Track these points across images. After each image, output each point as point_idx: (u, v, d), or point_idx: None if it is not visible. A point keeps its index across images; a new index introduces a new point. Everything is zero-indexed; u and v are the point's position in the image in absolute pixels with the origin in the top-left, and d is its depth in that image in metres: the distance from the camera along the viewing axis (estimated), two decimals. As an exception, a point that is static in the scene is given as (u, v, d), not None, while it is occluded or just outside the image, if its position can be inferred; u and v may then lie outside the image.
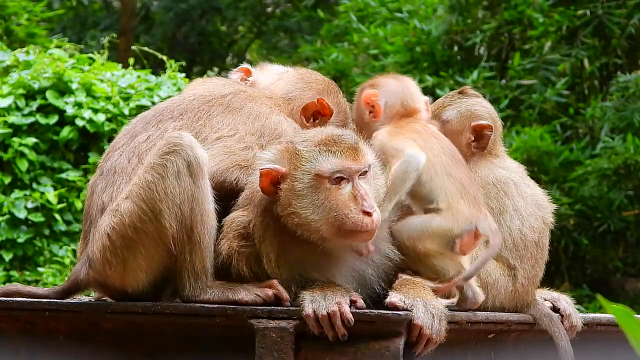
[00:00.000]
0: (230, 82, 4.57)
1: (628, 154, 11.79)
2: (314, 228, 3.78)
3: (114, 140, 4.27)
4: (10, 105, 10.29)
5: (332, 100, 4.53)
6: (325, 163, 3.79)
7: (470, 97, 4.68)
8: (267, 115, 4.26)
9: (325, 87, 4.57)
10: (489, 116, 4.63)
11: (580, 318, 4.56)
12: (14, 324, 4.11)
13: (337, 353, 3.68)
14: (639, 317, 2.35)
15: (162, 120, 4.19)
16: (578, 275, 12.80)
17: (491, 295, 4.35)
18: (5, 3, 14.92)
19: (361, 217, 3.73)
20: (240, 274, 3.92)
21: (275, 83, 4.60)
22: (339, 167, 3.79)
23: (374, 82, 4.51)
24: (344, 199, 3.76)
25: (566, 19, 12.88)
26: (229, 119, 4.21)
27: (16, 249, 9.99)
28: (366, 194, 3.77)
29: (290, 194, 3.80)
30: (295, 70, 4.69)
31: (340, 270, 3.91)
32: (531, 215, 4.50)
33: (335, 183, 3.79)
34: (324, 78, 4.66)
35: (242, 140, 4.15)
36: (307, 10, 19.96)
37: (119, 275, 3.94)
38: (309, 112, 4.46)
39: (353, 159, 3.81)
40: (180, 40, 22.82)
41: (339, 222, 3.75)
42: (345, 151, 3.82)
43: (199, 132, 4.11)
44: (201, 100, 4.27)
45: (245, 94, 4.35)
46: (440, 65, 13.59)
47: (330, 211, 3.76)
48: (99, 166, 4.21)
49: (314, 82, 4.57)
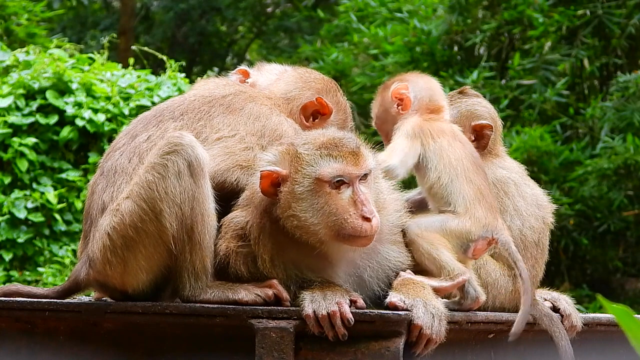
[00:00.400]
0: (230, 83, 4.57)
1: (628, 154, 11.79)
2: (312, 231, 3.78)
3: (115, 140, 4.27)
4: (10, 105, 10.29)
5: (331, 99, 4.53)
6: (326, 167, 3.79)
7: (470, 97, 4.69)
8: (268, 115, 4.26)
9: (325, 86, 4.57)
10: (489, 116, 4.64)
11: (581, 318, 4.56)
12: (14, 324, 4.11)
13: (337, 353, 3.68)
14: (639, 317, 2.35)
15: (163, 120, 4.19)
16: (578, 275, 12.80)
17: (491, 295, 4.36)
18: (5, 3, 14.92)
19: (360, 223, 3.73)
20: (237, 274, 3.92)
21: (274, 83, 4.60)
22: (340, 172, 3.79)
23: (402, 77, 4.54)
24: (343, 204, 3.77)
25: (566, 19, 12.88)
26: (230, 119, 4.21)
27: (16, 249, 9.99)
28: (366, 199, 3.77)
29: (290, 197, 3.80)
30: (294, 70, 4.69)
31: (337, 272, 3.91)
32: (531, 215, 4.50)
33: (335, 187, 3.79)
34: (323, 77, 4.66)
35: (243, 141, 4.15)
36: (307, 10, 19.96)
37: (119, 274, 3.94)
38: (308, 111, 4.46)
39: (354, 163, 3.81)
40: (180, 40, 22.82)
41: (338, 227, 3.75)
42: (347, 156, 3.81)
43: (199, 132, 4.11)
44: (202, 100, 4.27)
45: (246, 95, 4.35)
46: (440, 65, 13.59)
47: (330, 215, 3.76)
48: (100, 166, 4.22)
49: (313, 81, 4.57)
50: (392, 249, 4.01)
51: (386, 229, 4.00)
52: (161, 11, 23.13)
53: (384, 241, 3.99)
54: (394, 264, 4.00)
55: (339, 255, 3.89)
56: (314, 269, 3.89)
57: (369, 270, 3.96)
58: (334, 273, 3.90)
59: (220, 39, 24.14)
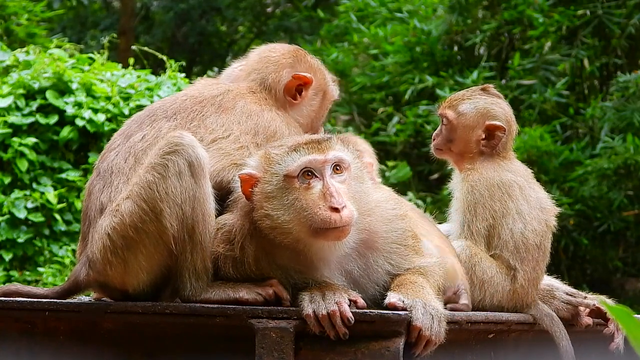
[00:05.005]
0: (218, 83, 4.57)
1: (628, 154, 11.79)
2: (286, 229, 3.77)
3: (110, 141, 4.28)
4: (10, 105, 10.28)
5: (304, 67, 4.54)
6: (291, 163, 3.79)
7: (490, 95, 4.68)
8: (259, 113, 4.28)
9: (292, 57, 4.57)
10: (505, 118, 4.63)
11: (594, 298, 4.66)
12: (14, 324, 4.11)
13: (337, 353, 3.68)
14: (639, 317, 2.36)
15: (156, 120, 4.20)
16: (578, 275, 12.80)
17: (488, 293, 4.37)
18: (5, 3, 14.91)
19: (329, 214, 3.69)
20: (228, 278, 3.93)
21: (247, 76, 4.57)
22: (305, 163, 3.78)
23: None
24: (313, 198, 3.75)
25: (566, 19, 12.88)
26: (223, 119, 4.22)
27: (16, 249, 9.98)
28: (336, 191, 3.74)
29: (261, 197, 3.81)
30: (254, 54, 4.65)
31: (323, 274, 3.87)
32: (534, 218, 4.51)
33: (305, 182, 3.78)
34: (286, 47, 4.64)
35: (238, 141, 4.17)
36: (307, 10, 19.96)
37: (119, 275, 3.94)
38: (292, 90, 4.49)
39: (319, 151, 3.79)
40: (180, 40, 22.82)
41: (310, 221, 3.72)
42: (311, 146, 3.81)
43: (194, 133, 4.11)
44: (193, 100, 4.28)
45: (234, 93, 4.36)
46: (440, 65, 13.59)
47: (301, 211, 3.74)
48: (96, 167, 4.22)
49: (280, 57, 4.55)
50: (383, 251, 3.95)
51: (379, 232, 3.96)
52: (161, 11, 23.12)
53: (372, 244, 3.94)
54: (385, 268, 3.94)
55: (321, 255, 3.84)
56: (300, 272, 3.88)
57: (357, 272, 3.91)
58: (320, 275, 3.86)
59: (220, 39, 24.13)
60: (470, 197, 4.48)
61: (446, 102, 4.70)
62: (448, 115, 4.62)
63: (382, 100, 14.09)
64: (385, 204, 4.01)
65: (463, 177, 4.57)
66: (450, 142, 4.64)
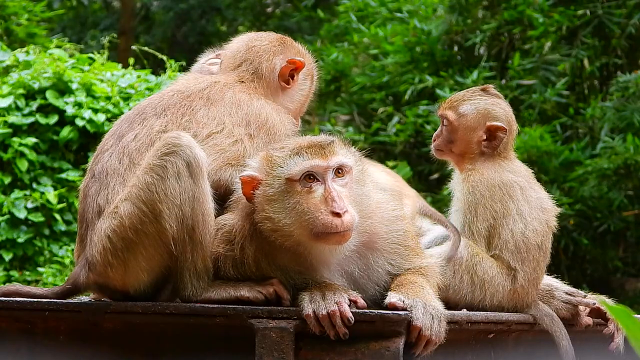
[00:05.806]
0: (203, 76, 4.56)
1: (628, 154, 11.78)
2: (287, 232, 3.77)
3: (101, 142, 4.25)
4: (10, 105, 10.28)
5: (294, 52, 4.57)
6: (294, 166, 3.79)
7: (491, 96, 4.68)
8: (248, 102, 4.27)
9: (281, 44, 4.58)
10: (506, 119, 4.63)
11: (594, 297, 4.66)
12: (14, 324, 4.11)
13: (337, 353, 3.68)
14: (639, 317, 2.36)
15: (146, 118, 4.18)
16: (578, 275, 12.79)
17: (489, 293, 4.37)
18: (5, 3, 14.91)
19: (330, 219, 3.70)
20: (228, 277, 3.93)
21: (236, 67, 4.56)
22: (307, 167, 3.78)
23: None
24: (315, 202, 3.75)
25: (566, 19, 12.87)
26: (213, 111, 4.21)
27: (16, 249, 9.98)
28: (337, 195, 3.74)
29: (263, 200, 3.81)
30: (238, 45, 4.63)
31: (323, 275, 3.88)
32: (535, 219, 4.51)
33: (306, 186, 3.78)
34: (272, 35, 4.65)
35: (231, 134, 4.15)
36: (307, 10, 19.94)
37: (120, 276, 3.94)
38: (285, 75, 4.50)
39: (321, 156, 3.79)
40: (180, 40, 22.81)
41: (311, 225, 3.72)
42: (314, 150, 3.81)
43: (186, 129, 4.10)
44: (180, 95, 4.27)
45: (220, 84, 4.35)
46: (440, 65, 13.58)
47: (302, 214, 3.74)
48: (89, 169, 4.19)
49: (270, 45, 4.56)
50: (383, 252, 3.96)
51: (380, 233, 3.96)
52: (161, 11, 23.11)
53: (373, 245, 3.94)
54: (386, 269, 3.95)
55: (322, 257, 3.85)
56: (300, 272, 3.88)
57: (358, 273, 3.92)
58: (320, 276, 3.86)
59: (220, 39, 24.08)
60: (471, 197, 4.48)
61: (446, 103, 4.69)
62: (449, 116, 4.62)
63: (382, 100, 14.08)
64: (386, 205, 4.01)
65: (464, 178, 4.57)
66: (451, 143, 4.64)
